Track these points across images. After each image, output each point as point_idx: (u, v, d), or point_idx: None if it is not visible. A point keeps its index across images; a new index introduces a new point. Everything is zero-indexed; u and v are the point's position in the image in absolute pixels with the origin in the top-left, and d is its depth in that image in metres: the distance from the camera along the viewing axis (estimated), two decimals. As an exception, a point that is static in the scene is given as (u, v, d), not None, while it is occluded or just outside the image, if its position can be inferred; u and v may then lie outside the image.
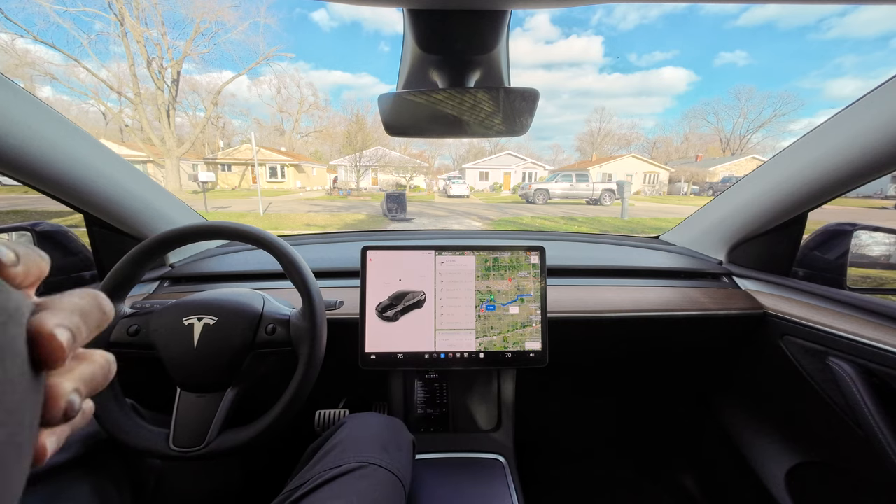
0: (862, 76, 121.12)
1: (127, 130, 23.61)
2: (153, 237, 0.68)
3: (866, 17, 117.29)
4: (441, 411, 0.97)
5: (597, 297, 0.95)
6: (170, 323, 0.66)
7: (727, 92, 57.95)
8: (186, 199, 3.00)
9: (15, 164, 0.69)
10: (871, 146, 0.69)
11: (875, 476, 0.77)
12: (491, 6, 0.44)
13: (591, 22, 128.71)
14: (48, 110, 0.73)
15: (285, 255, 0.68)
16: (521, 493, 0.79)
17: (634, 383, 1.33)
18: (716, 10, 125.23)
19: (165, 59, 21.53)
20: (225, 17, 23.55)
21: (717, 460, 1.14)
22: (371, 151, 25.53)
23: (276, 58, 26.98)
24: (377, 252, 0.86)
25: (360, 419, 0.71)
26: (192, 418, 0.64)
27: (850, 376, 0.73)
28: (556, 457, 1.36)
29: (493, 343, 0.84)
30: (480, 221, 11.20)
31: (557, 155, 67.28)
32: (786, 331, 0.87)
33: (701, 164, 31.88)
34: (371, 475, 0.58)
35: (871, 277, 0.94)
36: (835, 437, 0.83)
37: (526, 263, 0.87)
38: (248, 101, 54.31)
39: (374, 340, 0.83)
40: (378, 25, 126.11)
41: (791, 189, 0.87)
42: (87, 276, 0.99)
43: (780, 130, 50.21)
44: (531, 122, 0.61)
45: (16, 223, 0.90)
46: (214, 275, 1.03)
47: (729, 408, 1.13)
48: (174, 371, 0.65)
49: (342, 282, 1.00)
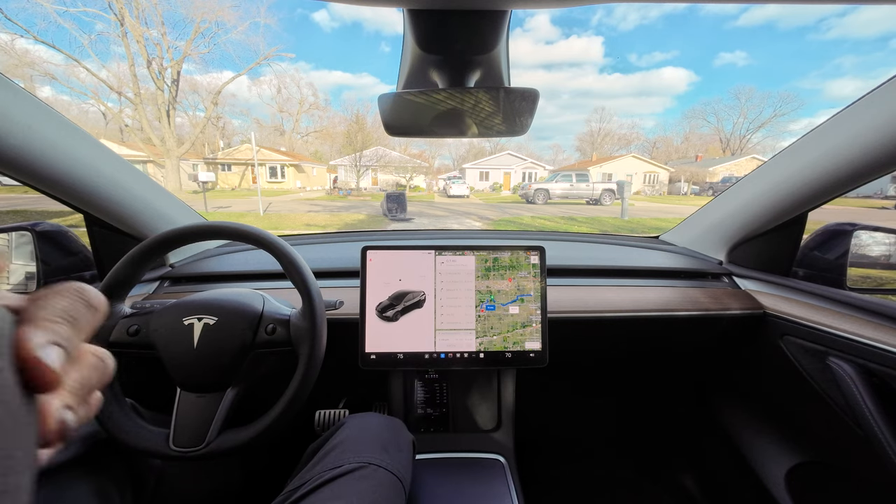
0: (861, 76, 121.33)
1: (127, 130, 23.63)
2: (153, 237, 0.68)
3: (866, 18, 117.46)
4: (441, 411, 0.97)
5: (597, 297, 0.95)
6: (170, 323, 0.66)
7: (727, 92, 57.98)
8: (186, 199, 3.01)
9: (15, 164, 0.69)
10: (871, 146, 0.69)
11: (875, 476, 0.77)
12: (491, 6, 0.44)
13: (591, 22, 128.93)
14: (48, 110, 0.73)
15: (285, 255, 0.68)
16: (521, 493, 0.79)
17: (634, 383, 1.33)
18: (716, 11, 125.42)
19: (165, 59, 21.57)
20: (225, 17, 23.57)
21: (717, 460, 1.14)
22: (371, 151, 25.53)
23: (277, 58, 26.96)
24: (377, 252, 0.86)
25: (360, 419, 0.71)
26: (192, 418, 0.64)
27: (850, 376, 0.73)
28: (556, 457, 1.36)
29: (493, 343, 0.84)
30: (480, 221, 11.20)
31: (557, 155, 67.37)
32: (786, 331, 0.87)
33: (701, 164, 31.88)
34: (371, 476, 0.58)
35: (871, 277, 0.94)
36: (835, 437, 0.83)
37: (526, 263, 0.87)
38: (249, 101, 54.36)
39: (374, 340, 0.83)
40: (379, 26, 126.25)
41: (791, 189, 0.87)
42: (87, 276, 0.99)
43: (780, 130, 50.28)
44: (531, 122, 0.61)
45: (16, 223, 0.90)
46: (214, 275, 1.03)
47: (729, 408, 1.13)
48: (174, 371, 0.65)
49: (342, 282, 1.00)
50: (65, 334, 0.19)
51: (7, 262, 0.22)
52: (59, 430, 0.18)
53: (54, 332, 0.19)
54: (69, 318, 0.20)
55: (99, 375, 0.21)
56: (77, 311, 0.20)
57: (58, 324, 0.19)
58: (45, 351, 0.18)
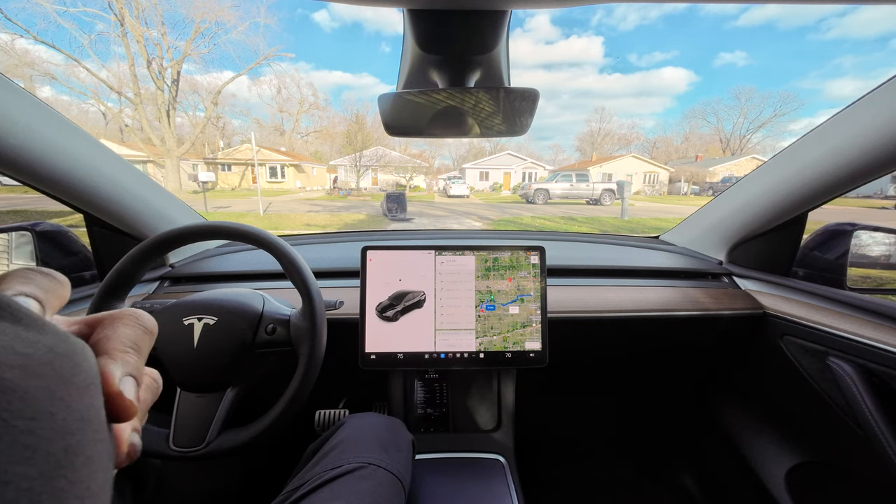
0: (861, 76, 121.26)
1: (127, 130, 23.63)
2: (153, 237, 0.68)
3: (866, 18, 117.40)
4: (441, 411, 0.97)
5: (597, 297, 0.95)
6: (170, 323, 0.66)
7: (727, 92, 57.98)
8: (186, 199, 3.01)
9: (15, 164, 0.69)
10: (871, 146, 0.69)
11: (875, 476, 0.77)
12: (491, 6, 0.44)
13: (591, 22, 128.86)
14: (48, 110, 0.73)
15: (285, 255, 0.68)
16: (521, 493, 0.79)
17: (634, 383, 1.33)
18: (716, 11, 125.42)
19: (165, 59, 21.56)
20: (225, 17, 23.58)
21: (717, 460, 1.14)
22: (371, 151, 25.53)
23: (277, 58, 26.97)
24: (377, 252, 0.86)
25: (359, 419, 0.71)
26: (192, 418, 0.64)
27: (850, 376, 0.73)
28: (556, 457, 1.36)
29: (493, 343, 0.84)
30: (480, 221, 11.20)
31: (557, 155, 67.33)
32: (786, 331, 0.87)
33: (701, 164, 31.88)
34: (371, 476, 0.58)
35: (871, 277, 0.94)
36: (835, 437, 0.83)
37: (526, 263, 0.87)
38: (249, 101, 54.30)
39: (374, 340, 0.83)
40: (379, 26, 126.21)
41: (791, 189, 0.87)
42: (87, 276, 0.99)
43: (780, 130, 50.27)
44: (531, 122, 0.61)
45: (16, 223, 0.90)
46: (214, 275, 1.03)
47: (729, 408, 1.13)
48: (174, 371, 0.65)
49: (342, 282, 1.00)
50: (134, 364, 0.20)
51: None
52: (129, 453, 0.19)
53: (126, 363, 0.19)
54: (135, 346, 0.20)
55: (152, 395, 0.23)
56: (140, 339, 0.21)
57: (128, 353, 0.20)
58: (126, 385, 0.18)
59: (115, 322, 0.21)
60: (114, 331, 0.20)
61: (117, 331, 0.20)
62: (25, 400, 0.13)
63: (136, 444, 0.20)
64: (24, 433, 0.13)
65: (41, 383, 0.14)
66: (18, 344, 0.14)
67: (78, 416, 0.15)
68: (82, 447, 0.15)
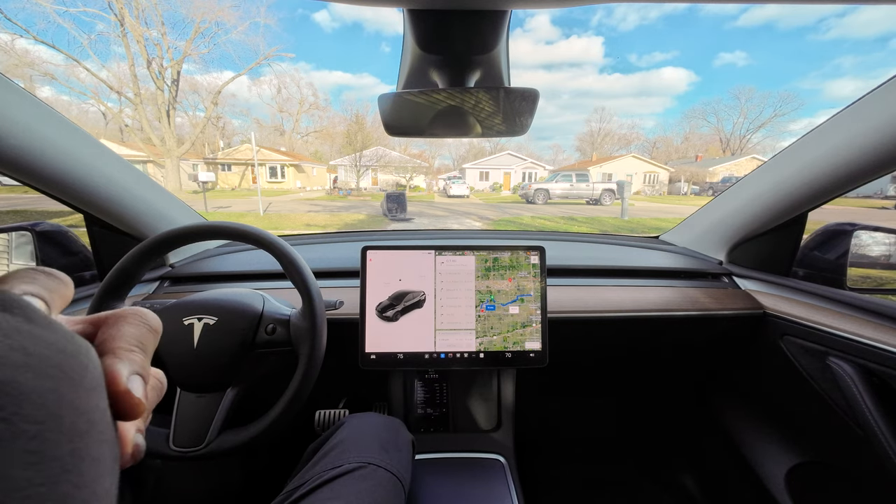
0: (861, 77, 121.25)
1: (127, 130, 23.62)
2: (153, 237, 0.68)
3: (865, 18, 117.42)
4: (441, 411, 0.97)
5: (597, 297, 0.95)
6: (170, 323, 0.66)
7: (727, 92, 57.94)
8: (186, 199, 3.00)
9: (15, 164, 0.69)
10: (870, 146, 0.69)
11: (875, 476, 0.77)
12: (491, 6, 0.44)
13: (591, 23, 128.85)
14: (48, 110, 0.73)
15: (285, 255, 0.68)
16: (521, 493, 0.79)
17: (634, 383, 1.33)
18: (715, 11, 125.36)
19: (165, 59, 21.55)
20: (225, 17, 23.57)
21: (717, 460, 1.14)
22: (371, 151, 25.53)
23: (277, 58, 26.92)
24: (377, 252, 0.86)
25: (359, 419, 0.71)
26: (191, 418, 0.64)
27: (850, 376, 0.73)
28: (556, 457, 1.36)
29: (493, 343, 0.84)
30: (480, 221, 11.20)
31: (557, 155, 67.33)
32: (786, 331, 0.87)
33: (701, 164, 31.87)
34: (371, 475, 0.58)
35: (871, 277, 0.94)
36: (835, 437, 0.83)
37: (526, 263, 0.87)
38: (249, 101, 54.29)
39: (374, 340, 0.83)
40: (379, 26, 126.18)
41: (791, 189, 0.87)
42: (87, 275, 0.99)
43: (780, 130, 50.27)
44: (531, 122, 0.61)
45: (16, 223, 0.90)
46: (214, 275, 1.03)
47: (729, 408, 1.13)
48: (174, 371, 0.65)
49: (342, 282, 1.00)
50: (140, 362, 0.19)
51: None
52: (133, 453, 0.19)
53: (132, 362, 0.19)
54: (140, 345, 0.20)
55: (157, 395, 0.22)
56: (145, 338, 0.21)
57: (134, 352, 0.19)
58: (133, 383, 0.18)
59: (120, 321, 0.21)
60: (119, 330, 0.20)
61: (122, 330, 0.20)
62: (36, 403, 0.13)
63: (141, 445, 0.20)
64: (32, 438, 0.12)
65: (51, 385, 0.14)
66: (31, 344, 0.14)
67: (85, 419, 0.15)
68: (88, 450, 0.14)
